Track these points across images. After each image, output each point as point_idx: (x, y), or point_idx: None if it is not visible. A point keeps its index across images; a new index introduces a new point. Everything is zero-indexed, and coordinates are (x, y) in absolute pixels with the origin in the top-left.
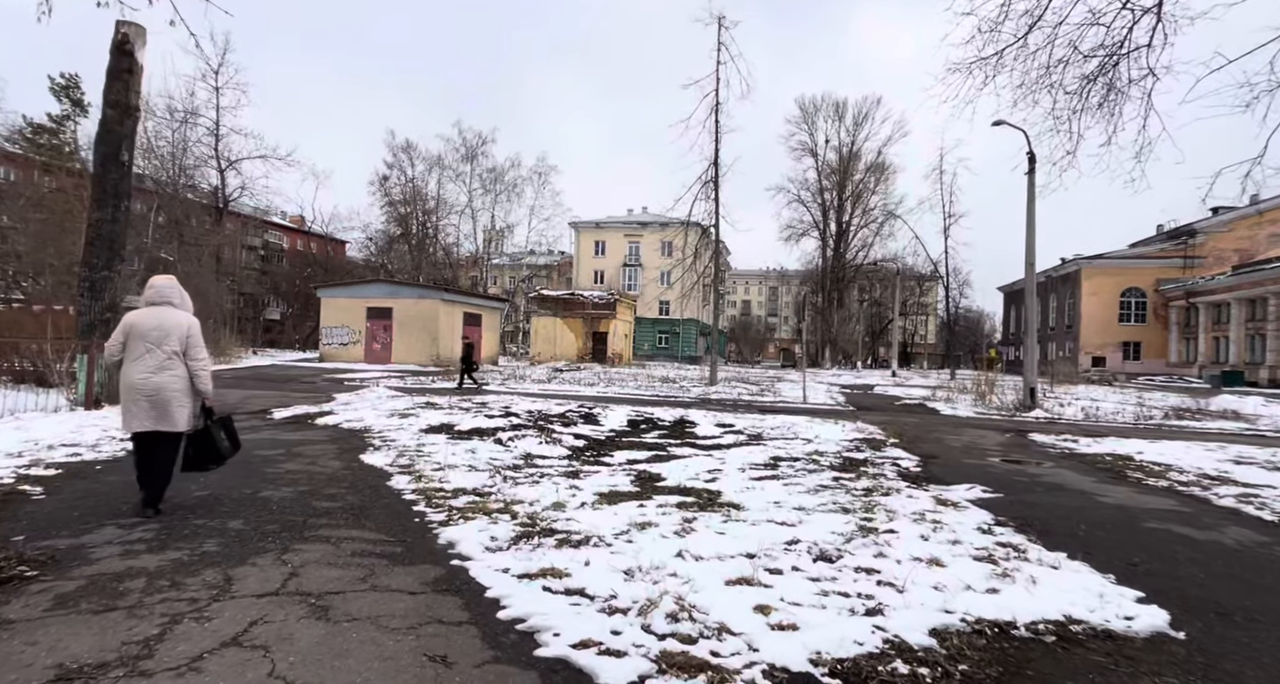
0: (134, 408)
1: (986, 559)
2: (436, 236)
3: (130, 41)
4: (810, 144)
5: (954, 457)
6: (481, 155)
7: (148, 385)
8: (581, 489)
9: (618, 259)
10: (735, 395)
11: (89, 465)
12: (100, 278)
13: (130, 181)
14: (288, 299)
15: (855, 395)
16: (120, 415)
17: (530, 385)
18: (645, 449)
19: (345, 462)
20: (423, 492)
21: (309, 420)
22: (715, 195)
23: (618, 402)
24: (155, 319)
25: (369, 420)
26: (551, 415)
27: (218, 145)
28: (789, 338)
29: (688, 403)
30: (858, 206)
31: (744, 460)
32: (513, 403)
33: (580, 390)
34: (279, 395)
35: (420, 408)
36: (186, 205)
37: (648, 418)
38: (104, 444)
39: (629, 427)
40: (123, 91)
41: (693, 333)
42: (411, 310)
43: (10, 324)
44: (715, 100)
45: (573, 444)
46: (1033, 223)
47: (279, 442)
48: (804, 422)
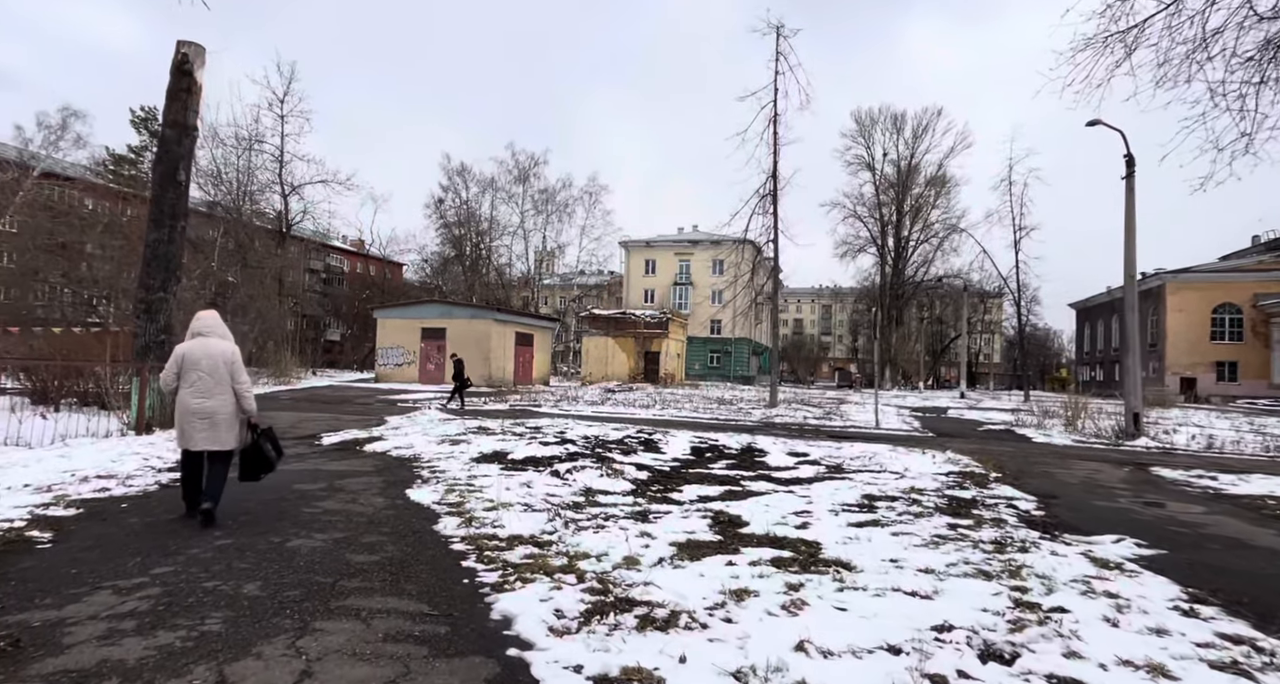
0: (189, 429)
1: (1230, 667)
2: (489, 257)
3: (190, 61)
4: (867, 158)
5: (1076, 497)
6: (534, 176)
7: (202, 409)
8: (654, 537)
9: (668, 278)
10: (800, 419)
11: (114, 503)
12: (156, 299)
13: (187, 202)
14: (347, 321)
15: (930, 419)
16: (175, 436)
17: (583, 407)
18: (716, 483)
19: (389, 499)
20: (473, 539)
21: (357, 447)
22: (774, 209)
23: (676, 426)
24: (203, 349)
25: (418, 447)
26: (609, 442)
27: (281, 171)
28: (843, 357)
29: (750, 427)
30: (917, 221)
31: (833, 499)
32: (567, 427)
33: (635, 413)
34: (331, 418)
35: (472, 433)
36: (251, 230)
37: (712, 445)
38: (139, 476)
39: (693, 455)
40: (181, 111)
41: (745, 352)
42: (464, 330)
43: (77, 346)
44: (773, 111)
45: (635, 476)
46: (1132, 231)
47: (321, 473)
48: (886, 451)
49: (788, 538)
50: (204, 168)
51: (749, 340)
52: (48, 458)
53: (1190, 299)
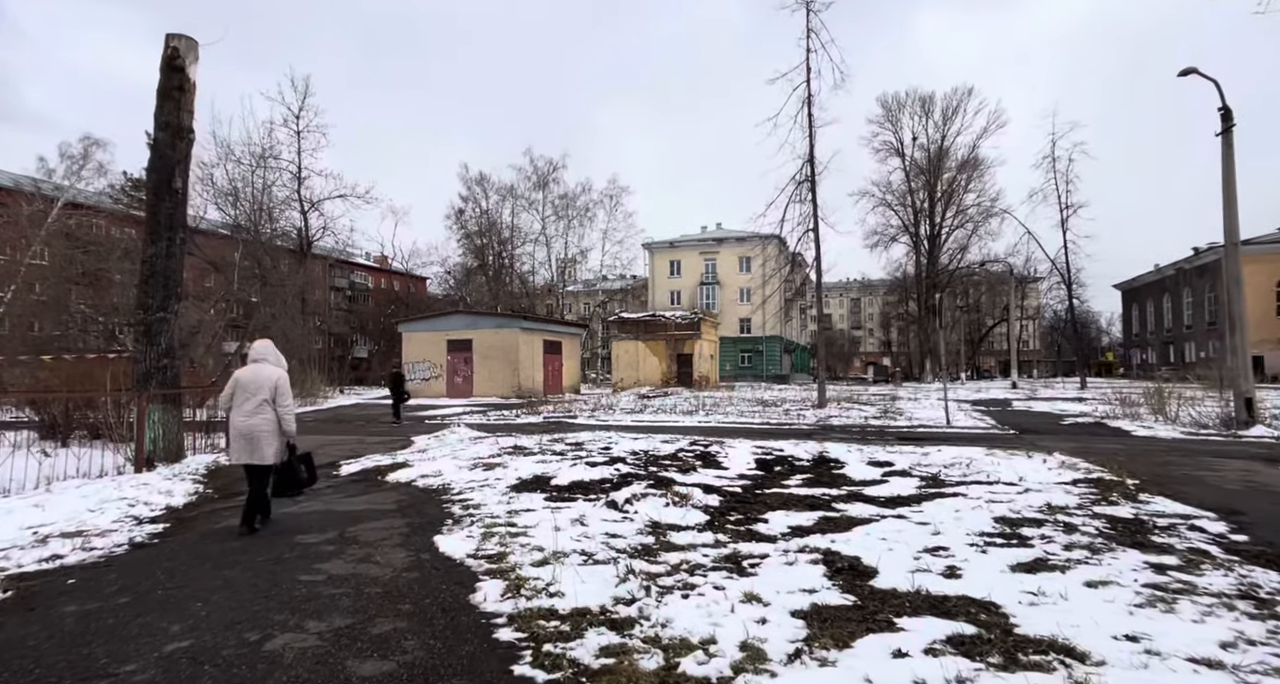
0: (237, 447)
1: None
2: (512, 266)
3: (181, 56)
4: (895, 143)
5: (1266, 510)
6: (553, 182)
7: (244, 427)
8: (766, 603)
9: (694, 278)
10: (858, 420)
11: (59, 579)
12: (155, 320)
13: (185, 211)
14: (374, 337)
15: (999, 413)
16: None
17: (621, 417)
18: (803, 506)
19: (413, 551)
20: (525, 619)
21: (379, 476)
22: (812, 195)
23: (727, 433)
24: (253, 374)
25: (448, 474)
26: (662, 458)
27: (300, 187)
28: (875, 351)
29: (808, 432)
30: (950, 206)
31: (962, 526)
32: (611, 441)
33: (678, 421)
34: (354, 441)
35: (507, 453)
36: (271, 249)
37: (777, 456)
38: (113, 532)
39: (761, 469)
40: (174, 112)
41: (776, 350)
42: (491, 341)
43: (83, 376)
44: (806, 92)
45: (705, 502)
46: (1231, 192)
47: (333, 517)
48: (980, 455)
49: (947, 597)
50: (221, 188)
51: (780, 338)
52: (19, 509)
53: (1255, 272)
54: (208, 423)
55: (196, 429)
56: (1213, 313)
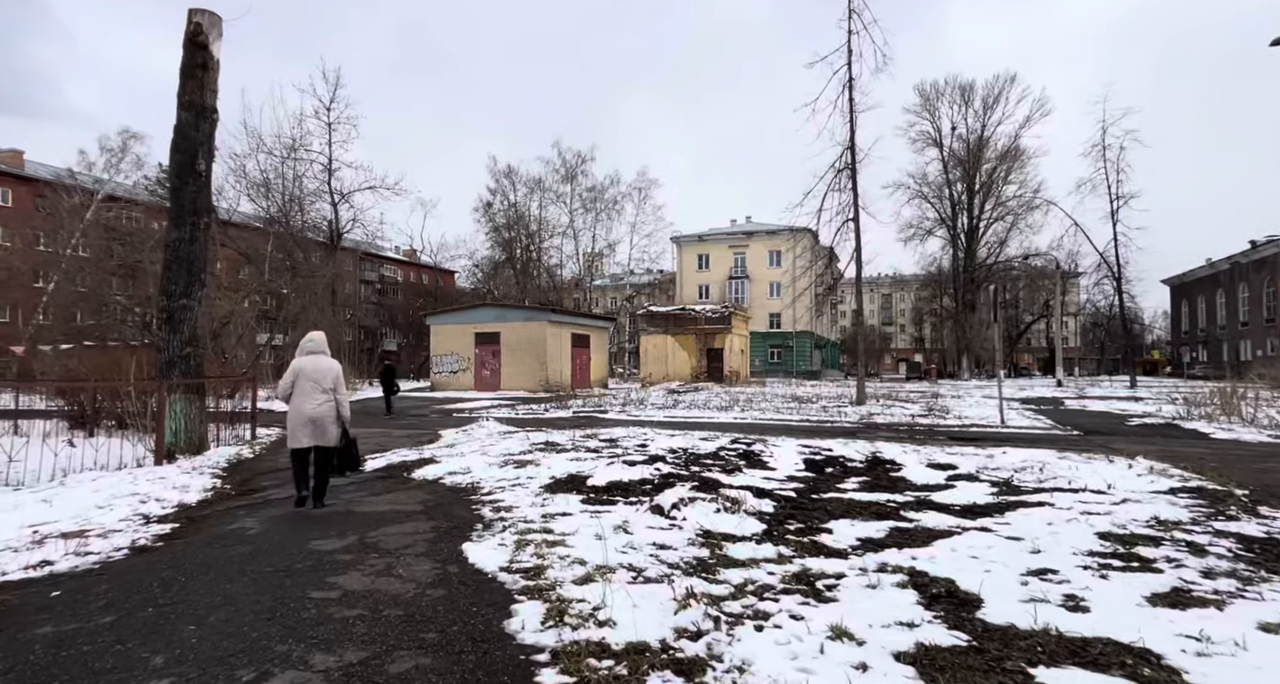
0: (300, 431)
1: None
2: (540, 259)
3: (204, 32)
4: (933, 133)
5: None
6: (581, 174)
7: (313, 413)
8: (861, 641)
9: (723, 272)
10: (904, 418)
11: (44, 590)
12: (178, 307)
13: (209, 195)
14: (403, 330)
15: (1054, 413)
16: (287, 437)
17: (653, 412)
18: (867, 514)
19: (439, 563)
20: (571, 656)
21: (404, 473)
22: (853, 183)
23: (766, 430)
24: (314, 364)
25: (477, 471)
26: (703, 456)
27: (330, 179)
28: (908, 347)
29: (851, 430)
30: (989, 198)
31: (1061, 543)
32: (646, 436)
33: (713, 417)
34: (381, 434)
35: (538, 450)
36: (302, 241)
37: (827, 456)
38: (117, 533)
39: (811, 471)
40: (197, 90)
41: (807, 346)
42: (519, 334)
43: (111, 365)
44: (847, 76)
45: (758, 508)
46: None
47: (354, 518)
48: (1052, 458)
49: (1085, 639)
50: (253, 179)
51: (810, 333)
52: (27, 504)
53: None
54: (232, 413)
55: (221, 420)
56: (1271, 309)
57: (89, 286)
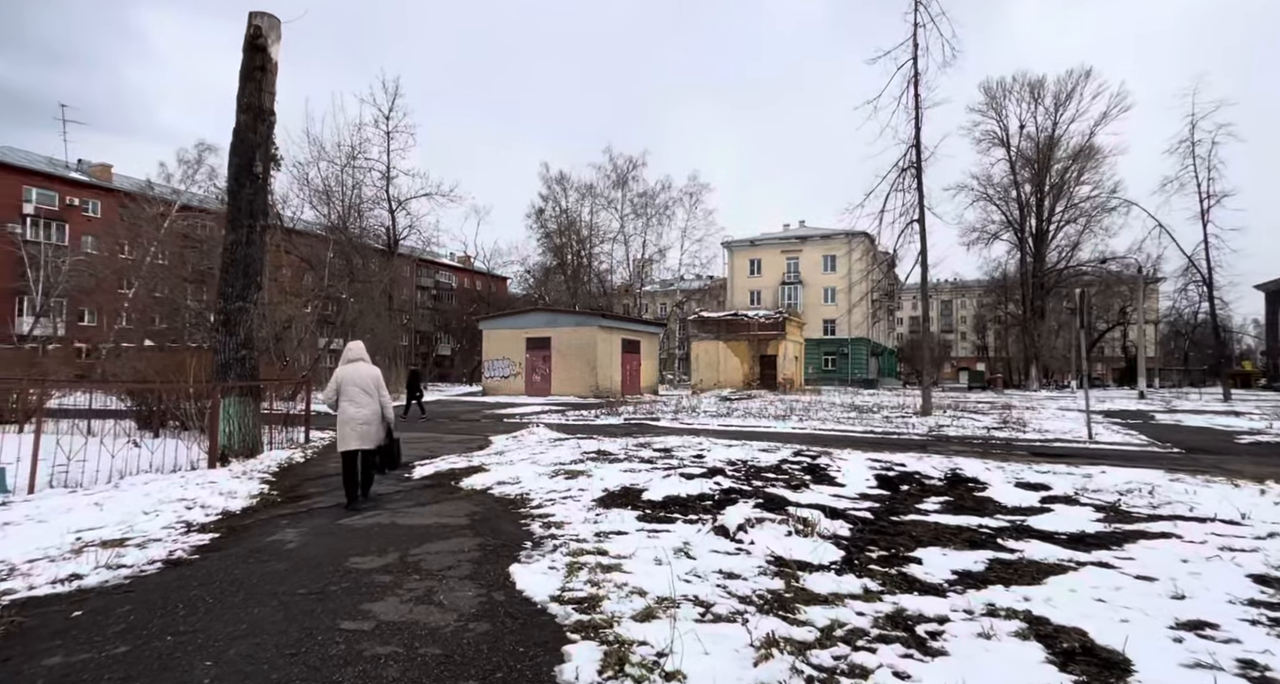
0: (349, 434)
1: None
2: (590, 265)
3: (264, 35)
4: (1000, 133)
5: None
6: (632, 179)
7: (360, 417)
8: None
9: (775, 277)
10: (977, 431)
11: (67, 609)
12: (235, 309)
13: (266, 197)
14: (456, 335)
15: (1144, 427)
16: (337, 441)
17: (706, 420)
18: (959, 541)
19: (484, 588)
20: None
21: (452, 481)
22: (918, 183)
23: (829, 442)
24: (358, 372)
25: (527, 482)
26: (765, 470)
27: (388, 187)
28: (969, 356)
29: (921, 443)
30: (1060, 200)
31: (1204, 586)
32: (702, 447)
33: (770, 426)
34: (432, 439)
35: (590, 459)
36: (362, 248)
37: (900, 471)
38: (157, 542)
39: (884, 488)
40: (255, 93)
41: (863, 353)
42: (570, 339)
43: (176, 367)
44: (913, 71)
45: (833, 531)
46: None
47: (396, 533)
48: (1162, 480)
49: None
50: (315, 187)
51: (867, 340)
52: (79, 507)
53: None
54: (286, 416)
55: (275, 422)
56: None
57: (165, 292)
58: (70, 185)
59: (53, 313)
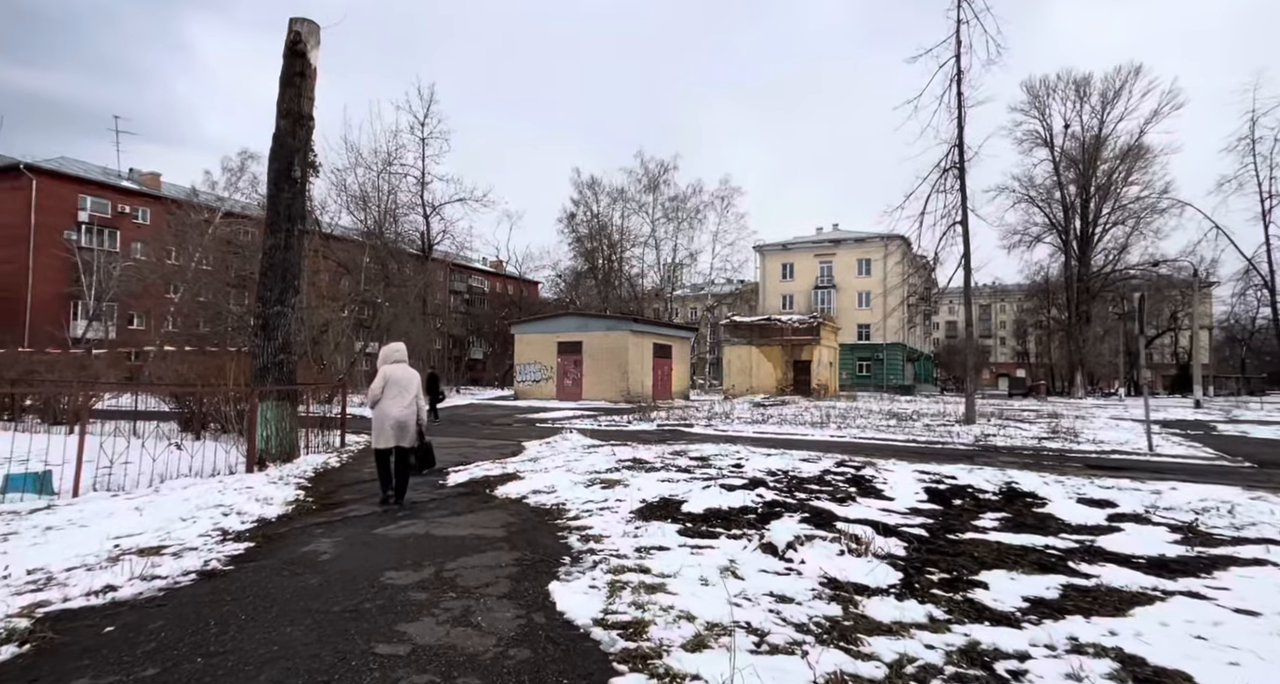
0: (386, 432)
1: None
2: (621, 269)
3: (304, 41)
4: (1043, 133)
5: None
6: (664, 183)
7: (401, 416)
8: None
9: (808, 281)
10: (1029, 441)
11: (99, 624)
12: (273, 314)
13: (304, 202)
14: (488, 339)
15: (1207, 438)
16: (372, 438)
17: (741, 426)
18: (1026, 564)
19: (524, 609)
20: None
21: (487, 489)
22: (960, 184)
23: (868, 450)
24: (402, 372)
25: (563, 491)
26: (806, 480)
27: (423, 192)
28: (1009, 361)
29: (968, 453)
30: (1107, 201)
31: None
32: (740, 455)
33: (808, 433)
34: (465, 444)
35: (626, 467)
36: (397, 253)
37: (951, 485)
38: (192, 552)
39: (935, 503)
40: (295, 99)
41: (898, 359)
42: (601, 343)
43: (217, 370)
44: (955, 69)
45: (888, 550)
46: None
47: (431, 545)
48: (1241, 497)
49: None
50: (352, 193)
51: (902, 346)
52: (120, 512)
53: None
54: (322, 419)
55: (311, 425)
56: None
57: (209, 297)
58: (122, 193)
59: (104, 317)
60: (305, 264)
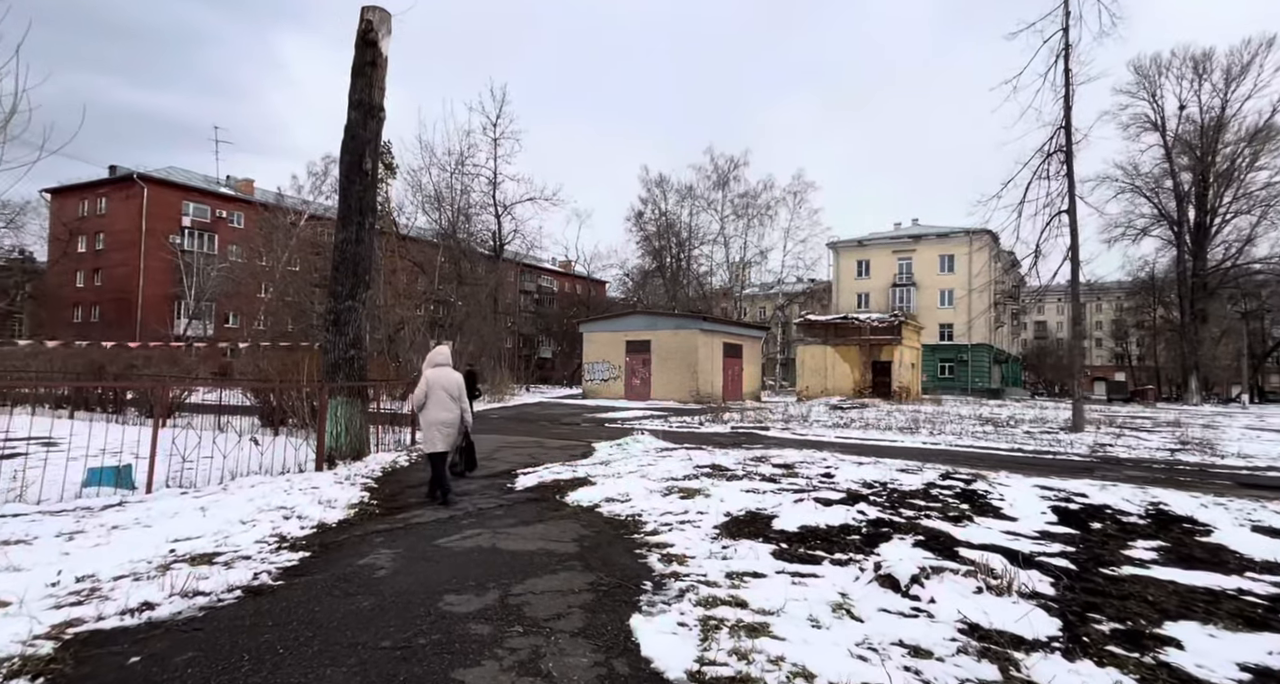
0: (435, 436)
1: None
2: (689, 267)
3: (375, 29)
4: (1152, 116)
5: None
6: (733, 180)
7: (446, 420)
8: None
9: (885, 279)
10: (1157, 454)
11: (126, 651)
12: (344, 309)
13: (375, 194)
14: (557, 338)
15: None
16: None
17: (822, 431)
18: (1213, 611)
19: (602, 654)
20: None
21: (557, 495)
22: (1068, 170)
23: (969, 460)
24: (445, 376)
25: (638, 500)
26: (908, 495)
27: (495, 192)
28: (1106, 365)
29: (1086, 465)
30: (1229, 188)
31: None
32: (828, 463)
33: (897, 440)
34: (534, 444)
35: (705, 474)
36: (469, 252)
37: (1082, 503)
38: (245, 561)
39: (1067, 524)
40: (366, 89)
41: (984, 361)
42: (669, 342)
43: (294, 366)
44: (1062, 43)
45: (1033, 587)
46: None
47: (498, 560)
48: None
49: None
50: (427, 193)
51: (989, 346)
52: (185, 511)
53: None
54: (393, 416)
55: (382, 422)
56: None
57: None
58: (220, 199)
59: (203, 315)
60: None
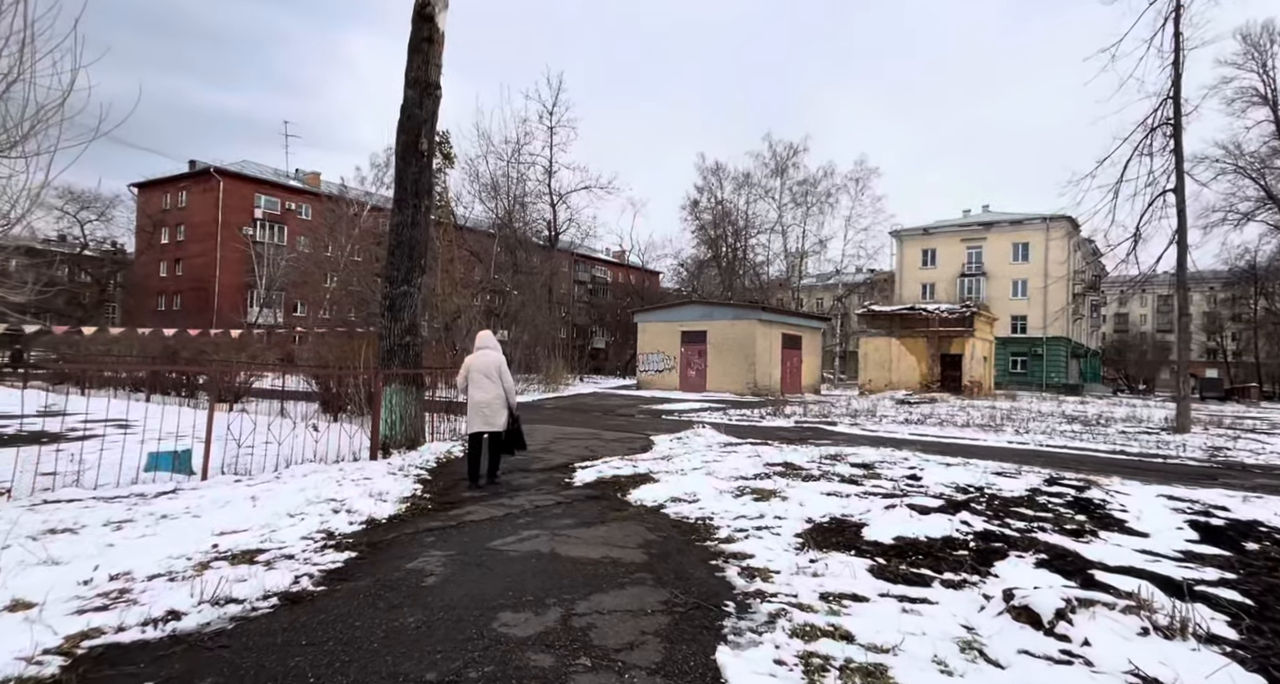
0: (475, 417)
1: None
2: (745, 257)
3: (431, 4)
4: (1262, 89)
5: None
6: (792, 166)
7: (484, 401)
8: None
9: (953, 269)
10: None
11: (141, 667)
12: (399, 294)
13: (430, 176)
14: (611, 328)
15: None
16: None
17: (893, 427)
18: None
19: None
20: None
21: (618, 493)
22: (1175, 144)
23: (1064, 462)
24: (484, 359)
25: (706, 500)
26: (1010, 502)
27: (550, 181)
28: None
29: (1207, 472)
30: None
31: None
32: (910, 464)
33: (979, 438)
34: (590, 436)
35: (777, 474)
36: (525, 242)
37: (1225, 517)
38: (287, 561)
39: (1212, 542)
40: (423, 66)
41: (1061, 355)
42: (726, 332)
43: (353, 353)
44: (1174, 2)
45: (1207, 627)
46: None
47: (557, 570)
48: None
49: None
50: (484, 182)
51: (1066, 340)
52: (236, 500)
53: None
54: (449, 404)
55: (438, 410)
56: None
57: (357, 285)
58: (289, 191)
59: (273, 304)
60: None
